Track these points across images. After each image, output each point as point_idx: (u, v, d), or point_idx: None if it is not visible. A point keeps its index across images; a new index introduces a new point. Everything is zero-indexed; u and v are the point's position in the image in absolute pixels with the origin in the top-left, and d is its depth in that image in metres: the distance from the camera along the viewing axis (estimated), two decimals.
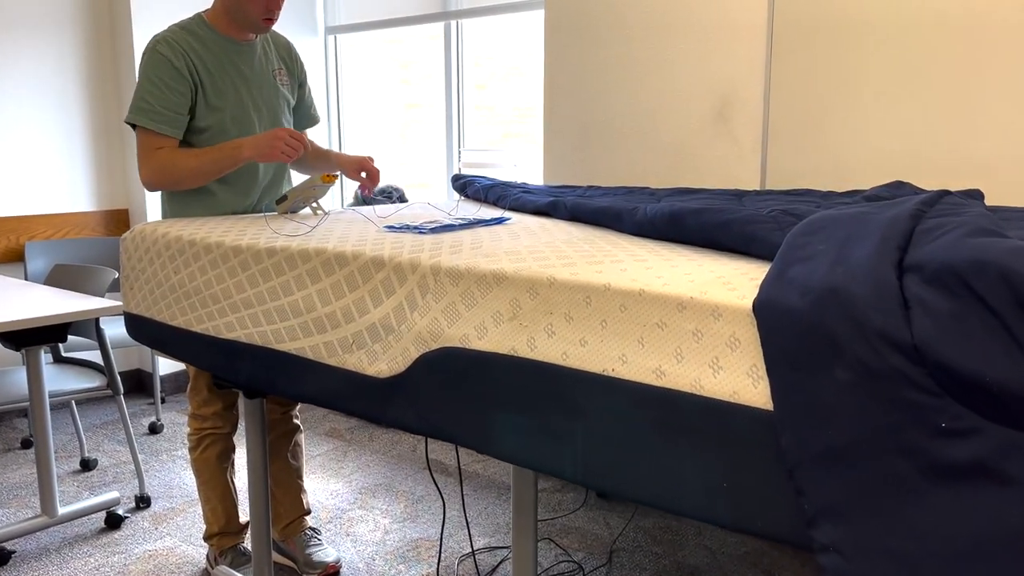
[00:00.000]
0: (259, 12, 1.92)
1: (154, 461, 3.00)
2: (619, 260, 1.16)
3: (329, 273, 1.37)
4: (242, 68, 1.99)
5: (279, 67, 2.09)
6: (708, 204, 1.63)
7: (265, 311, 1.47)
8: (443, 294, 1.21)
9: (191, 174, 1.89)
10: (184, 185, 1.92)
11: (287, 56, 2.13)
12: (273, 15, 1.95)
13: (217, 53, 1.96)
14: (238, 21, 1.95)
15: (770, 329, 0.89)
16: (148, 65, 1.89)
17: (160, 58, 1.88)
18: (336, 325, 1.35)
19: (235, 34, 1.99)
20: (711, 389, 0.94)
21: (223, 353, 1.56)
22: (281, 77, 2.09)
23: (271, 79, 2.06)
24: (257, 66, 2.03)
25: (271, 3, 1.92)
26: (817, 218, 1.04)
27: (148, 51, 1.91)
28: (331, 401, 1.39)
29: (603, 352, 1.03)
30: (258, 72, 2.03)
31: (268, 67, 2.06)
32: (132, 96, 1.92)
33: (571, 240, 1.37)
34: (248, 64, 2.01)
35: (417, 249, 1.31)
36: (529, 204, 1.85)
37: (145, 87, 1.88)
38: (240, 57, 2.00)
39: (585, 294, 1.06)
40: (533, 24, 3.48)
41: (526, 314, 1.11)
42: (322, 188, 1.90)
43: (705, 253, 1.22)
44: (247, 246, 1.51)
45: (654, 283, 1.02)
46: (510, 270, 1.14)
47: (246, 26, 1.96)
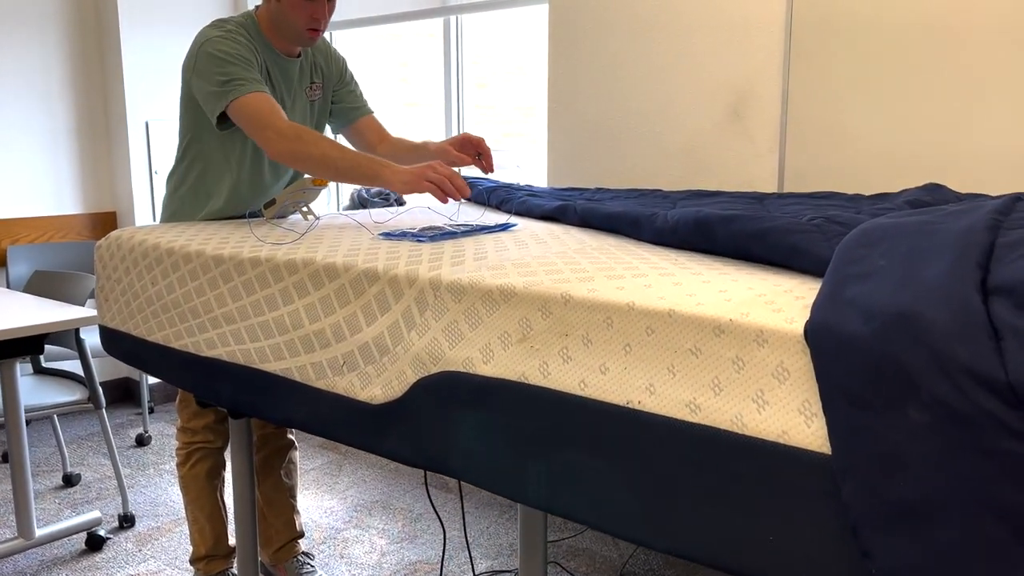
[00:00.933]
0: (303, 22, 1.75)
1: (140, 476, 2.87)
2: (642, 274, 1.03)
3: (317, 286, 1.24)
4: (281, 85, 1.84)
5: (312, 83, 1.93)
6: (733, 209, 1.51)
7: (248, 327, 1.34)
8: (444, 311, 1.08)
9: (322, 155, 1.60)
10: (311, 164, 1.62)
11: (324, 62, 1.97)
12: (319, 26, 1.76)
13: (269, 62, 1.81)
14: (283, 32, 1.79)
15: (827, 359, 0.76)
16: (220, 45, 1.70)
17: (235, 43, 1.71)
18: (325, 344, 1.22)
19: (280, 46, 1.82)
20: (755, 427, 0.81)
21: (203, 372, 1.43)
22: (313, 92, 1.94)
23: (303, 97, 1.92)
24: (295, 86, 1.88)
25: (316, 11, 1.74)
26: (871, 228, 0.91)
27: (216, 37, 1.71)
28: (320, 428, 1.26)
29: (627, 381, 0.91)
30: (293, 92, 1.88)
31: (302, 85, 1.91)
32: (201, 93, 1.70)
33: (584, 249, 1.24)
34: (287, 82, 1.86)
35: (415, 260, 1.18)
36: (536, 208, 1.72)
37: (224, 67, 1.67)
38: (282, 74, 1.85)
39: (606, 314, 0.93)
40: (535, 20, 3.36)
41: (538, 336, 0.98)
42: (313, 191, 1.77)
43: (737, 265, 1.09)
44: (229, 256, 1.38)
45: (685, 302, 0.89)
46: (519, 285, 1.01)
47: (291, 38, 1.80)
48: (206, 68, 1.70)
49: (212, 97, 1.70)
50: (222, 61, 1.69)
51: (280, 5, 1.75)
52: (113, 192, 3.57)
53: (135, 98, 3.41)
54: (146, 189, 3.50)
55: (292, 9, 1.74)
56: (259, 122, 1.65)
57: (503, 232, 1.47)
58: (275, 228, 1.63)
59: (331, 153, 1.61)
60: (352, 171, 1.62)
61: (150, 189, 3.51)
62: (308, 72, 1.93)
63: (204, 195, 1.86)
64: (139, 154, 3.46)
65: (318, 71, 1.96)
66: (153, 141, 3.45)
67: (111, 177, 3.56)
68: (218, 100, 1.68)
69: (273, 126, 1.63)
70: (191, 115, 1.82)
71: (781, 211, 1.54)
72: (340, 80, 2.01)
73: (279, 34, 1.80)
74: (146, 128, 3.44)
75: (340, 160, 1.61)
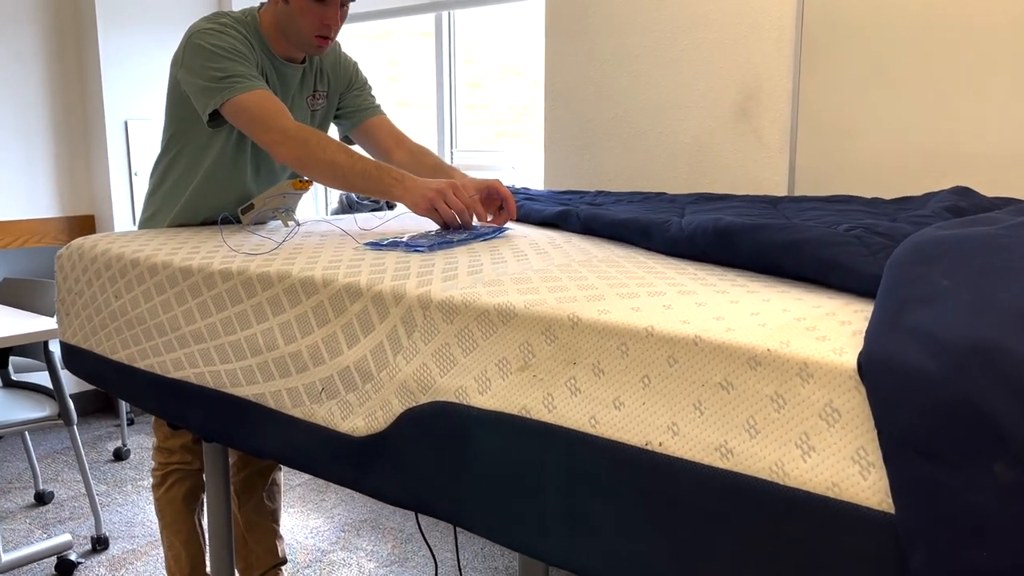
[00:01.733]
0: (312, 27, 1.58)
1: (116, 493, 2.73)
2: (659, 292, 0.91)
3: (294, 303, 1.11)
4: (278, 91, 1.68)
5: (316, 91, 1.78)
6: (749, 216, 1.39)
7: (218, 347, 1.21)
8: (434, 333, 0.95)
9: (331, 162, 1.45)
10: (316, 171, 1.49)
11: (331, 69, 1.80)
12: (329, 33, 1.61)
13: (266, 65, 1.66)
14: (289, 37, 1.63)
15: (887, 399, 0.64)
16: (212, 39, 1.55)
17: (230, 38, 1.57)
18: (302, 368, 1.09)
19: (281, 50, 1.66)
20: (799, 477, 0.69)
21: (170, 395, 1.30)
22: (315, 102, 1.79)
23: (303, 107, 1.77)
24: (294, 94, 1.73)
25: (327, 16, 1.58)
26: (926, 242, 0.79)
27: (208, 30, 1.57)
28: (297, 460, 1.13)
29: (645, 419, 0.78)
30: (291, 101, 1.72)
31: (303, 93, 1.76)
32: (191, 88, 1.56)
33: (591, 262, 1.12)
34: (285, 89, 1.70)
35: (402, 274, 1.06)
36: (534, 213, 1.60)
37: (218, 62, 1.53)
38: (281, 80, 1.69)
39: (620, 340, 0.81)
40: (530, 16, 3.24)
41: (542, 363, 0.86)
42: (294, 195, 1.64)
43: (763, 281, 0.97)
44: (198, 267, 1.25)
45: (713, 327, 0.77)
46: (520, 305, 0.89)
47: (298, 44, 1.64)
48: (196, 62, 1.57)
49: (205, 93, 1.56)
50: (214, 55, 1.55)
51: (288, 7, 1.59)
52: (91, 194, 3.43)
53: (113, 96, 3.27)
54: (125, 191, 3.36)
55: (301, 13, 1.57)
56: (264, 123, 1.51)
57: (499, 239, 1.35)
58: (251, 236, 1.50)
59: (339, 159, 1.46)
60: (361, 181, 1.46)
61: (130, 191, 3.37)
62: (312, 80, 1.77)
63: (185, 195, 1.72)
64: (118, 155, 3.32)
65: (323, 79, 1.80)
66: (133, 141, 3.32)
67: (89, 179, 3.42)
68: (212, 96, 1.54)
69: (278, 127, 1.49)
70: (176, 110, 1.69)
71: (800, 217, 1.43)
72: (348, 87, 1.85)
73: (284, 38, 1.64)
74: (125, 128, 3.30)
75: (349, 168, 1.46)
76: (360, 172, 1.46)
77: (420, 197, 1.40)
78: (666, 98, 2.31)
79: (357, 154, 1.50)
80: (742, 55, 2.17)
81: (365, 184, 1.46)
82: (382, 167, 1.48)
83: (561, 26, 2.50)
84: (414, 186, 1.42)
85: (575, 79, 2.49)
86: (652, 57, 2.33)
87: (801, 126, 2.11)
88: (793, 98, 2.11)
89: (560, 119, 2.54)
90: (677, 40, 2.27)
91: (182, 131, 1.70)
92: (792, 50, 2.09)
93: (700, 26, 2.22)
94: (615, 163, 2.44)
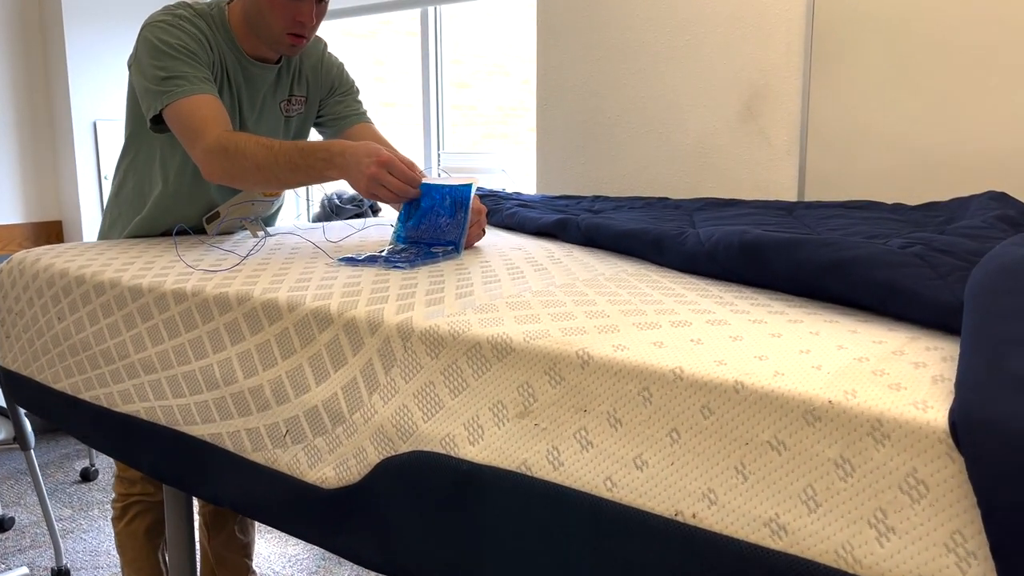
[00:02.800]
0: (283, 23, 1.39)
1: (82, 518, 2.56)
2: (683, 321, 0.77)
3: (254, 330, 0.96)
4: (242, 93, 1.50)
5: (292, 96, 1.59)
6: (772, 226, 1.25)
7: (171, 378, 1.06)
8: (416, 369, 0.81)
9: (255, 167, 1.28)
10: (248, 180, 1.34)
11: (311, 72, 1.61)
12: (304, 31, 1.42)
13: (230, 63, 1.48)
14: (259, 33, 1.44)
15: (994, 471, 0.50)
16: (162, 34, 1.39)
17: (182, 32, 1.40)
18: (264, 406, 0.94)
19: (251, 48, 1.48)
20: (875, 567, 0.55)
21: (118, 431, 1.15)
22: (291, 107, 1.59)
23: (276, 112, 1.58)
24: (265, 97, 1.54)
25: (301, 12, 1.39)
26: (1016, 264, 0.65)
27: (159, 23, 1.41)
28: (258, 512, 0.98)
29: (675, 482, 0.64)
30: (260, 105, 1.54)
31: (277, 97, 1.57)
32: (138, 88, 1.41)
33: (597, 280, 0.97)
34: (252, 92, 1.51)
35: (379, 296, 0.91)
36: (529, 222, 1.45)
37: (162, 61, 1.37)
38: (248, 81, 1.50)
39: (642, 384, 0.66)
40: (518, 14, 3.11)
41: (545, 410, 0.72)
42: (263, 203, 1.49)
43: (802, 306, 0.83)
44: (149, 287, 1.10)
45: (757, 370, 0.63)
46: (518, 338, 0.74)
47: (269, 42, 1.45)
48: (144, 59, 1.41)
49: (147, 95, 1.40)
50: (161, 53, 1.39)
51: (256, 0, 1.41)
52: (59, 199, 3.26)
53: (81, 97, 3.11)
54: (95, 196, 3.20)
55: (271, 8, 1.39)
56: (190, 136, 1.34)
57: (492, 251, 1.20)
58: (213, 249, 1.35)
59: (260, 159, 1.28)
60: (292, 175, 1.29)
61: (99, 196, 3.20)
62: (288, 83, 1.58)
63: (147, 202, 1.56)
64: (86, 158, 3.15)
65: (301, 82, 1.61)
66: (102, 143, 3.15)
67: (56, 183, 3.25)
68: (154, 99, 1.38)
69: (201, 141, 1.31)
70: (133, 112, 1.53)
71: (825, 226, 1.29)
72: (330, 92, 1.65)
73: (254, 34, 1.46)
74: (94, 129, 3.14)
75: (273, 166, 1.28)
76: (287, 166, 1.28)
77: (359, 176, 1.23)
78: (666, 97, 2.17)
79: (277, 144, 1.30)
80: (748, 50, 2.03)
81: (296, 177, 1.30)
82: (307, 151, 1.28)
83: (553, 21, 2.36)
84: (347, 164, 1.24)
85: (568, 77, 2.35)
86: (651, 53, 2.18)
87: (811, 126, 1.98)
88: (803, 96, 1.97)
89: (553, 120, 2.39)
90: (678, 35, 2.13)
91: (139, 133, 1.53)
92: (802, 45, 1.96)
93: (703, 19, 2.09)
94: (612, 166, 2.30)
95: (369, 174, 1.22)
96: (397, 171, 1.23)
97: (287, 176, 1.30)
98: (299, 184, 1.34)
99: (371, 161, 1.22)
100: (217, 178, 1.35)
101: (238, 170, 1.31)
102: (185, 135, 1.35)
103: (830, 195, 1.94)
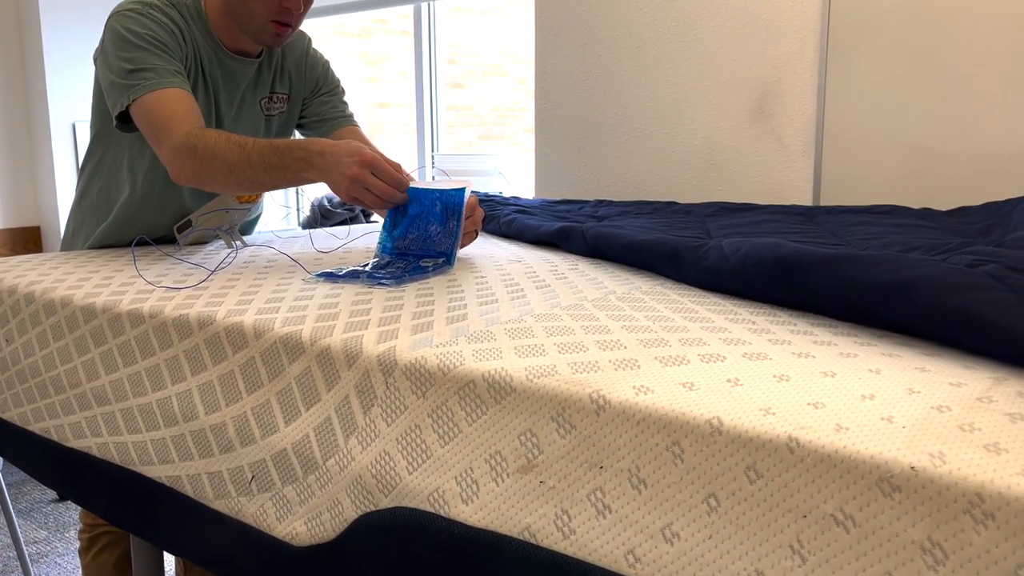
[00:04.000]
0: (267, 10, 1.29)
1: (58, 540, 2.43)
2: (715, 354, 0.65)
3: (217, 358, 0.84)
4: (219, 89, 1.38)
5: (273, 93, 1.47)
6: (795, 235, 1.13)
7: (125, 412, 0.94)
8: (400, 410, 0.69)
9: (226, 168, 1.17)
10: (218, 182, 1.23)
11: (294, 68, 1.50)
12: (289, 19, 1.31)
13: (206, 57, 1.36)
14: (241, 23, 1.33)
15: None
16: (130, 23, 1.28)
17: (151, 22, 1.28)
18: (227, 447, 0.82)
19: (230, 40, 1.36)
20: None
21: (69, 468, 1.03)
22: (272, 105, 1.48)
23: (256, 110, 1.46)
24: (244, 94, 1.43)
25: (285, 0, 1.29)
26: None
27: (128, 12, 1.29)
28: (221, 566, 0.86)
29: (714, 561, 0.52)
30: (239, 102, 1.43)
31: (257, 95, 1.45)
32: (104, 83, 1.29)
33: (607, 300, 0.85)
34: (231, 88, 1.40)
35: (359, 320, 0.79)
36: (528, 230, 1.34)
37: (130, 52, 1.25)
38: (226, 76, 1.39)
39: (671, 437, 0.55)
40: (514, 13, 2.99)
41: (553, 464, 0.60)
42: (239, 210, 1.37)
43: (850, 333, 0.71)
44: (103, 307, 0.98)
45: (814, 422, 0.51)
46: (519, 375, 0.63)
47: (251, 32, 1.33)
48: (110, 51, 1.29)
49: (113, 90, 1.28)
50: (129, 44, 1.27)
51: None
52: (36, 203, 3.13)
53: (59, 97, 2.99)
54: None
55: None
56: (157, 133, 1.22)
57: (488, 264, 1.08)
58: (180, 263, 1.22)
59: (231, 159, 1.16)
60: (267, 176, 1.17)
61: None
62: (269, 79, 1.46)
63: (113, 209, 1.44)
64: (65, 160, 3.03)
65: (284, 79, 1.49)
66: (81, 146, 3.02)
67: (33, 186, 3.13)
68: (120, 94, 1.26)
69: (169, 139, 1.19)
70: (99, 109, 1.41)
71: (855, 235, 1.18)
72: (314, 91, 1.54)
73: (234, 24, 1.34)
74: (73, 131, 3.01)
75: (246, 165, 1.15)
76: (261, 166, 1.16)
77: (340, 178, 1.11)
78: (672, 95, 2.06)
79: (251, 142, 1.18)
80: (759, 45, 1.92)
81: (271, 179, 1.17)
82: (283, 150, 1.16)
83: (553, 16, 2.24)
84: (327, 164, 1.12)
85: (568, 74, 2.23)
86: (656, 49, 2.07)
87: (827, 126, 1.86)
88: (819, 94, 1.86)
89: (552, 120, 2.27)
90: (684, 29, 2.02)
91: (106, 131, 1.41)
92: (818, 38, 1.84)
93: (710, 12, 1.97)
94: (614, 168, 2.18)
95: (350, 175, 1.10)
96: (382, 172, 1.11)
97: (261, 177, 1.17)
98: (275, 187, 1.22)
99: (353, 161, 1.10)
100: (186, 179, 1.23)
101: (208, 171, 1.19)
102: (152, 133, 1.24)
103: (847, 199, 1.83)
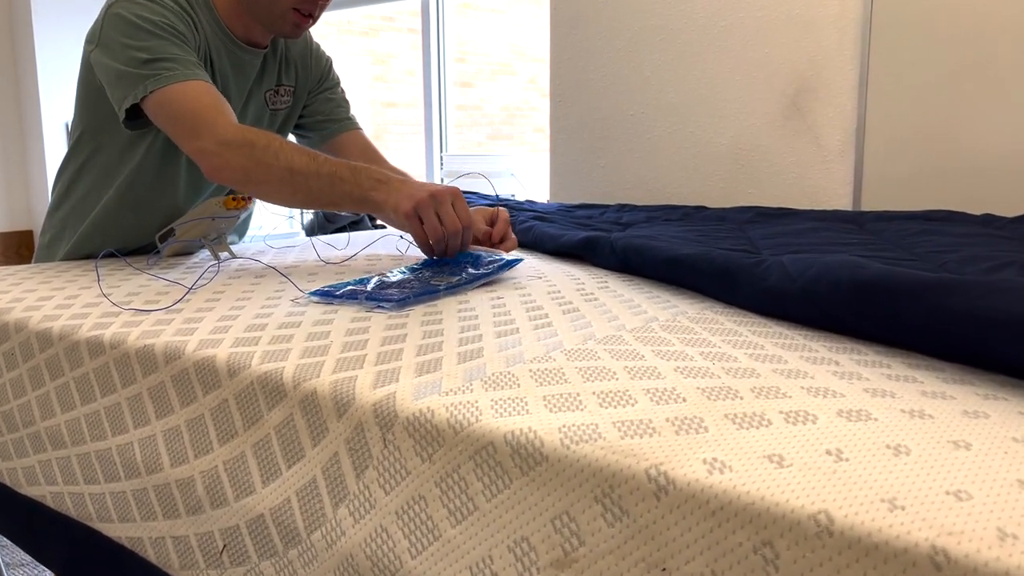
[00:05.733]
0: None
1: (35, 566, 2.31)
2: (801, 412, 0.51)
3: (185, 400, 0.71)
4: (229, 82, 1.29)
5: (279, 86, 1.39)
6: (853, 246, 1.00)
7: (82, 457, 0.80)
8: (401, 475, 0.55)
9: (287, 169, 1.08)
10: (270, 184, 1.11)
11: (299, 61, 1.42)
12: (312, 10, 1.23)
13: (214, 48, 1.26)
14: (256, 11, 1.24)
15: None
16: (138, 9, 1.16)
17: (162, 8, 1.17)
18: (195, 508, 0.69)
19: (240, 30, 1.27)
20: None
21: (21, 519, 0.90)
22: (277, 99, 1.39)
23: (261, 104, 1.37)
24: (251, 87, 1.34)
25: None
26: None
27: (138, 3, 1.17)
28: None
29: None
30: (247, 95, 1.33)
31: (262, 87, 1.37)
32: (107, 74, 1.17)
33: (650, 329, 0.71)
34: (240, 80, 1.31)
35: (353, 356, 0.66)
36: (549, 240, 1.20)
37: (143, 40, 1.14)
38: (235, 68, 1.29)
39: (760, 535, 0.41)
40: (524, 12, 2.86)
41: (599, 560, 0.46)
42: (227, 217, 1.24)
43: (963, 378, 0.57)
44: (60, 333, 0.84)
45: (965, 524, 0.37)
46: (552, 439, 0.49)
47: (267, 22, 1.25)
48: (115, 39, 1.15)
49: (123, 80, 1.15)
50: (140, 30, 1.14)
51: None
52: (29, 207, 3.02)
53: (51, 97, 2.88)
54: None
55: None
56: (194, 125, 1.11)
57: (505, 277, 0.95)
58: (154, 280, 1.09)
59: (297, 163, 1.07)
60: (329, 188, 1.08)
61: None
62: (276, 71, 1.37)
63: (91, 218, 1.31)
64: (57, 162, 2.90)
65: (290, 71, 1.39)
66: None
67: (26, 189, 3.01)
68: (132, 85, 1.13)
69: (213, 131, 1.09)
70: (89, 101, 1.28)
71: (923, 247, 1.03)
72: (318, 84, 1.45)
73: (247, 13, 1.25)
74: (66, 131, 2.90)
75: (312, 176, 1.07)
76: (330, 176, 1.07)
77: (406, 197, 1.03)
78: (699, 91, 1.92)
79: (323, 156, 1.10)
80: (795, 37, 1.78)
81: (334, 192, 1.08)
82: (359, 169, 1.09)
83: (569, 6, 2.10)
84: (402, 186, 1.04)
85: (586, 69, 2.09)
86: (680, 42, 1.93)
87: (869, 125, 1.72)
88: (859, 90, 1.72)
89: (568, 118, 2.14)
90: (712, 19, 1.87)
91: (96, 128, 1.29)
92: (859, 31, 1.70)
93: (741, 1, 1.83)
94: (635, 170, 2.04)
95: (430, 190, 1.03)
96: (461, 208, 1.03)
97: (324, 187, 1.08)
98: (329, 204, 1.11)
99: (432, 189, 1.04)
100: (229, 175, 1.12)
101: (262, 170, 1.09)
102: (185, 125, 1.12)
103: (889, 204, 1.68)
